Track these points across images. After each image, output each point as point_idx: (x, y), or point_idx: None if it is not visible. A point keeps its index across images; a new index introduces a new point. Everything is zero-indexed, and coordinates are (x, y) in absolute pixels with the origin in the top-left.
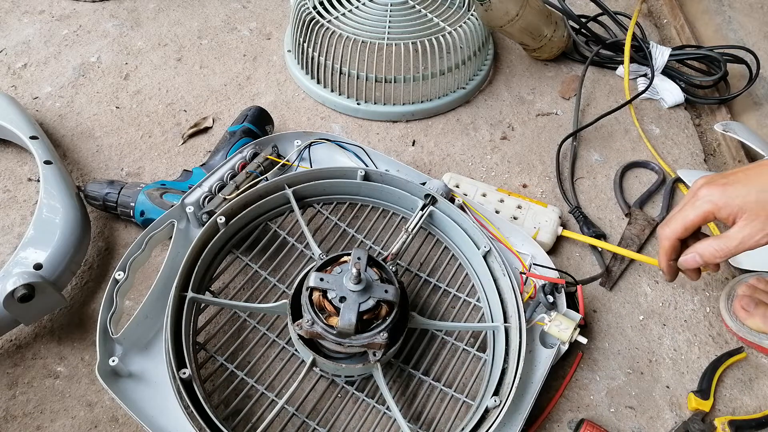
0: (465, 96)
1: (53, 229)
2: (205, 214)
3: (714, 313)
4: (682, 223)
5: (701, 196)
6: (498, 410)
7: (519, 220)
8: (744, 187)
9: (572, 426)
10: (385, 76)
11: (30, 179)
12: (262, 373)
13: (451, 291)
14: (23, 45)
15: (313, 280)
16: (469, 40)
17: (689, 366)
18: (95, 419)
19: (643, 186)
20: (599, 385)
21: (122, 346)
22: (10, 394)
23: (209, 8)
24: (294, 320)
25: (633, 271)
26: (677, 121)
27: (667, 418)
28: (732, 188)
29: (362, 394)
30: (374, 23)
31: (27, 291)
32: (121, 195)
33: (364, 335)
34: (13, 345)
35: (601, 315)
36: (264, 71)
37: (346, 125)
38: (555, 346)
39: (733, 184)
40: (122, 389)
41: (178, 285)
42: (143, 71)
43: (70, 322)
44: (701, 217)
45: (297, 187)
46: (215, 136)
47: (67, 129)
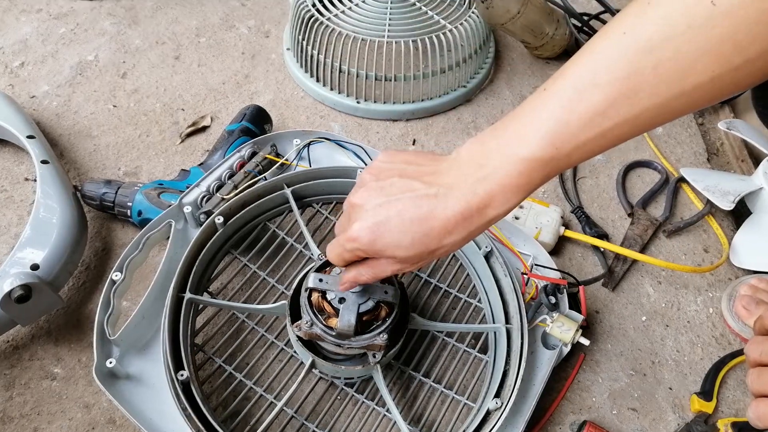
0: (466, 94)
1: (50, 229)
2: (203, 214)
3: (717, 314)
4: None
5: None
6: (499, 412)
7: (520, 220)
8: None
9: (574, 428)
10: (385, 75)
11: (27, 179)
12: (261, 374)
13: (451, 292)
14: (20, 43)
15: (312, 281)
16: (470, 38)
17: (692, 367)
18: (92, 421)
19: (646, 185)
20: (601, 387)
21: (119, 347)
22: (6, 395)
23: (208, 6)
24: (293, 321)
25: (636, 271)
26: (680, 120)
27: (669, 420)
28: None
29: (362, 396)
30: (374, 21)
31: (24, 291)
32: (118, 195)
33: (363, 337)
34: (9, 346)
35: (604, 316)
36: (263, 69)
37: (346, 124)
38: (557, 348)
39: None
40: (120, 391)
41: (176, 286)
42: (141, 70)
43: (67, 323)
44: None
45: (296, 186)
46: (213, 135)
47: (64, 128)
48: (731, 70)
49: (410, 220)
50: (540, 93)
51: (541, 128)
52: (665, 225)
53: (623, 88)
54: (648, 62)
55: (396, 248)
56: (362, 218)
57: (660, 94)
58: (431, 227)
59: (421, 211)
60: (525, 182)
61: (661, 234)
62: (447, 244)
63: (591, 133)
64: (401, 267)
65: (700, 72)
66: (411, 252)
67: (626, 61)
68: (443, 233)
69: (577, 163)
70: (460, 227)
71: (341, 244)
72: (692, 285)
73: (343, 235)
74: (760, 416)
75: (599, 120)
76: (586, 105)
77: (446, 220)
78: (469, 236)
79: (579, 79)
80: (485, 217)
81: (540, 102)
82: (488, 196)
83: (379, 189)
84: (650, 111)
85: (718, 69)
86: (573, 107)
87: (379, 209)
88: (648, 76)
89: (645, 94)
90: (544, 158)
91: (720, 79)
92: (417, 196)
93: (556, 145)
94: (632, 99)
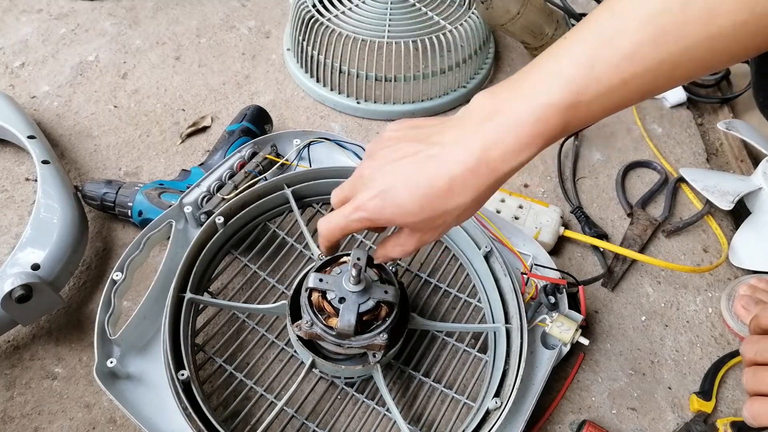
0: (466, 95)
1: (51, 230)
2: (204, 214)
3: (716, 314)
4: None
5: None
6: (499, 412)
7: (520, 220)
8: None
9: (574, 427)
10: (385, 75)
11: (27, 179)
12: (261, 374)
13: (451, 291)
14: (21, 44)
15: (312, 281)
16: (470, 38)
17: (691, 367)
18: (93, 421)
19: (646, 186)
20: (601, 387)
21: (120, 347)
22: (7, 395)
23: (208, 7)
24: (293, 321)
25: (635, 271)
26: (680, 120)
27: (669, 420)
28: None
29: (362, 395)
30: (374, 21)
31: (24, 291)
32: (118, 195)
33: (363, 336)
34: (10, 346)
35: (603, 316)
36: (263, 70)
37: (346, 124)
38: (556, 347)
39: None
40: (120, 391)
41: (177, 286)
42: (141, 70)
43: (68, 323)
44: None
45: (296, 186)
46: (214, 136)
47: (65, 128)
48: (755, 15)
49: (416, 183)
50: (561, 42)
51: (564, 74)
52: (664, 225)
53: (651, 30)
54: (677, 1)
55: (405, 215)
56: (369, 187)
57: (686, 37)
58: (438, 188)
59: (424, 172)
60: (541, 130)
61: (661, 234)
62: (456, 206)
63: (615, 79)
64: (421, 236)
65: (725, 15)
66: (421, 217)
67: (656, 2)
68: (449, 193)
69: (593, 117)
70: (467, 185)
71: (345, 216)
72: (691, 285)
73: (348, 206)
74: (755, 415)
75: (625, 65)
76: (611, 49)
77: (451, 178)
78: (479, 197)
79: (605, 23)
80: (495, 172)
81: (561, 49)
82: (498, 147)
83: (386, 156)
84: (675, 58)
85: (743, 13)
86: (598, 52)
87: (385, 176)
88: (676, 15)
89: (671, 36)
90: (563, 104)
91: (743, 25)
92: (421, 158)
93: (578, 91)
94: (659, 42)
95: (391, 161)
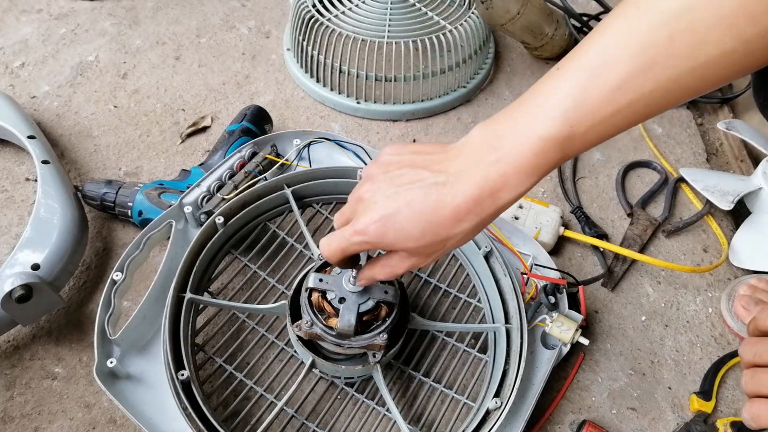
0: (466, 95)
1: (51, 230)
2: (204, 214)
3: (716, 314)
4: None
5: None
6: (499, 412)
7: (520, 220)
8: None
9: (574, 427)
10: (385, 75)
11: (27, 179)
12: (261, 374)
13: (451, 292)
14: (21, 44)
15: (312, 281)
16: (470, 38)
17: (691, 367)
18: (93, 421)
19: (646, 186)
20: (601, 387)
21: (120, 347)
22: (7, 395)
23: (208, 6)
24: (293, 321)
25: (635, 271)
26: (679, 120)
27: (669, 420)
28: None
29: (362, 395)
30: (374, 21)
31: (24, 291)
32: (118, 195)
33: (363, 336)
34: (10, 346)
35: (603, 316)
36: (263, 70)
37: (346, 124)
38: (556, 348)
39: None
40: (120, 391)
41: (177, 286)
42: (141, 70)
43: (68, 323)
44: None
45: (296, 186)
46: (214, 136)
47: (65, 128)
48: (743, 42)
49: (420, 210)
50: (553, 73)
51: (558, 106)
52: (664, 225)
53: (639, 62)
54: (663, 34)
55: (406, 240)
56: (371, 211)
57: (675, 66)
58: (442, 216)
59: (430, 200)
60: (541, 162)
61: (661, 234)
62: (458, 232)
63: (608, 109)
64: (415, 261)
65: (713, 43)
66: (422, 243)
67: (642, 35)
68: (454, 221)
69: (591, 144)
70: (471, 214)
71: (346, 238)
72: (691, 285)
73: (348, 229)
74: (755, 416)
75: (616, 96)
76: (602, 81)
77: (456, 208)
78: (480, 224)
79: (594, 55)
80: (498, 202)
81: (554, 81)
82: (502, 179)
83: (388, 181)
84: (664, 86)
85: (731, 41)
86: (590, 84)
87: (387, 201)
88: (664, 48)
89: (660, 67)
90: (560, 137)
91: (732, 52)
92: (426, 186)
93: (572, 124)
94: (648, 73)
95: (394, 186)
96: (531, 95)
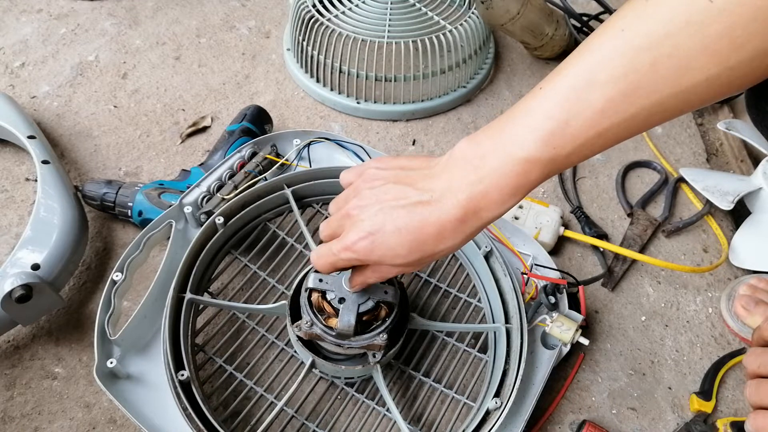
0: (466, 95)
1: (51, 230)
2: (204, 215)
3: (716, 314)
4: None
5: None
6: (499, 412)
7: (520, 220)
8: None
9: (574, 427)
10: (385, 75)
11: (27, 179)
12: (261, 374)
13: (451, 291)
14: (21, 44)
15: (312, 281)
16: (470, 38)
17: (691, 367)
18: (93, 421)
19: (646, 186)
20: (601, 387)
21: (120, 347)
22: (7, 395)
23: (208, 6)
24: (293, 321)
25: (635, 271)
26: (679, 120)
27: (669, 420)
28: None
29: (362, 395)
30: (374, 21)
31: (24, 291)
32: (119, 195)
33: (363, 337)
34: (10, 346)
35: (603, 316)
36: (263, 70)
37: (346, 124)
38: (556, 347)
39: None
40: (120, 391)
41: (177, 286)
42: (141, 70)
43: (68, 323)
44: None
45: (296, 186)
46: (214, 136)
47: (65, 128)
48: (727, 68)
49: (405, 228)
50: (536, 92)
51: (539, 128)
52: (664, 225)
53: (621, 86)
54: (646, 59)
55: (394, 257)
56: (357, 228)
57: (658, 91)
58: (427, 234)
59: (415, 218)
60: (523, 183)
61: (661, 234)
62: (444, 248)
63: (590, 132)
64: (403, 269)
65: (697, 70)
66: (409, 259)
67: (625, 59)
68: (439, 239)
69: (574, 163)
70: (456, 231)
71: (335, 254)
72: (691, 285)
73: (337, 244)
74: (759, 429)
75: (598, 119)
76: (584, 104)
77: (441, 227)
78: (466, 239)
79: (576, 77)
80: (481, 220)
81: (536, 102)
82: (484, 199)
83: (374, 197)
84: (647, 110)
85: (715, 67)
86: (571, 107)
87: (374, 219)
88: (646, 73)
89: (643, 92)
90: (543, 159)
91: (716, 78)
92: (410, 204)
93: (554, 146)
94: (630, 97)
95: (379, 203)
96: (514, 113)
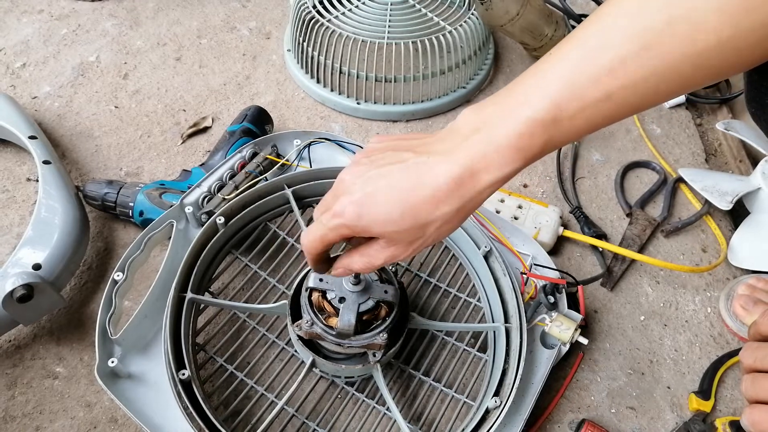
0: (465, 95)
1: (52, 230)
2: (205, 215)
3: (715, 313)
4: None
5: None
6: (498, 411)
7: (520, 220)
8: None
9: (573, 427)
10: (386, 76)
11: (29, 179)
12: (262, 374)
13: (451, 291)
14: (22, 44)
15: (313, 281)
16: (470, 39)
17: (690, 366)
18: (94, 420)
19: (645, 186)
20: (600, 386)
21: (121, 347)
22: (9, 394)
23: (209, 7)
24: (293, 321)
25: (634, 271)
26: (678, 120)
27: (668, 419)
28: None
29: (362, 394)
30: (374, 22)
31: (26, 291)
32: (120, 195)
33: (363, 336)
34: (12, 345)
35: (602, 315)
36: (263, 71)
37: (346, 125)
38: (556, 347)
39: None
40: (121, 390)
41: (177, 286)
42: (142, 71)
43: (69, 322)
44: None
45: (296, 187)
46: (214, 136)
47: (66, 129)
48: (738, 31)
49: (398, 189)
50: (546, 57)
51: (546, 88)
52: (663, 225)
53: (634, 45)
54: (662, 18)
55: (384, 222)
56: (348, 192)
57: (671, 51)
58: (422, 196)
59: (410, 178)
60: (525, 145)
61: (660, 234)
62: (439, 216)
63: (598, 93)
64: (394, 250)
65: (711, 31)
66: (401, 226)
67: (640, 17)
68: (434, 202)
69: (577, 132)
70: (452, 195)
71: (323, 224)
72: (690, 285)
73: (327, 213)
74: (754, 422)
75: (607, 79)
76: (594, 64)
77: (436, 188)
78: (462, 208)
79: (589, 40)
80: (479, 183)
81: (546, 65)
82: (483, 159)
83: (369, 163)
84: (659, 74)
85: (727, 30)
86: (581, 67)
87: (367, 182)
88: (661, 31)
89: (656, 52)
90: (547, 119)
91: (728, 42)
92: (406, 166)
93: (560, 106)
94: (643, 56)
95: (375, 167)
96: (523, 78)
